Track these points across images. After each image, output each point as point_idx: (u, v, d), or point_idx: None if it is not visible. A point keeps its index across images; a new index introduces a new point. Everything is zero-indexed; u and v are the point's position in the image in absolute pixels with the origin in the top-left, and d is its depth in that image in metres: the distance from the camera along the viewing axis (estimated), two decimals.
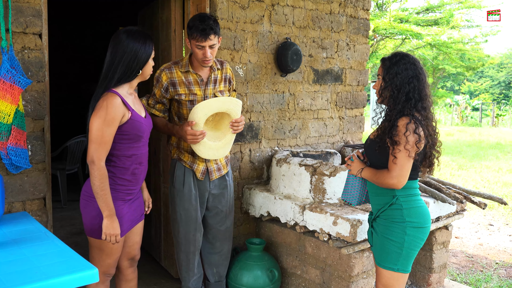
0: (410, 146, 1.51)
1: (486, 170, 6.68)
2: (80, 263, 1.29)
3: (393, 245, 1.59)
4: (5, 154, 1.71)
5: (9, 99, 1.68)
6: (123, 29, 1.59)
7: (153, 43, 1.63)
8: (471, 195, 2.54)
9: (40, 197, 1.89)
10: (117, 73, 1.55)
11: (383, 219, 1.63)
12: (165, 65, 2.00)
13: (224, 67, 2.06)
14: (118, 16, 4.75)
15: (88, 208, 1.59)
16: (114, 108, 1.51)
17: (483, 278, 2.86)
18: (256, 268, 2.29)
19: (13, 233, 1.53)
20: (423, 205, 1.64)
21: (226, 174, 2.15)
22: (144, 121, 1.64)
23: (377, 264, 1.65)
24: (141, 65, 1.58)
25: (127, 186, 1.64)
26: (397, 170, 1.52)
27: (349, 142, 3.17)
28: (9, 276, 1.18)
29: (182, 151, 2.06)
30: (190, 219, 2.06)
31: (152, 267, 2.73)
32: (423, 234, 1.60)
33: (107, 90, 1.55)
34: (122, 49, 1.54)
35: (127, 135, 1.58)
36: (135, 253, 1.78)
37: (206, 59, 1.88)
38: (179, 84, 1.97)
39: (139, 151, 1.64)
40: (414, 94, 1.55)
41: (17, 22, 1.77)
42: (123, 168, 1.61)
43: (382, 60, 1.64)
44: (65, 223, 3.58)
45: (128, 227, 1.67)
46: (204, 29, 1.81)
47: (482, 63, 14.58)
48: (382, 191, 1.63)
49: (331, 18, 2.95)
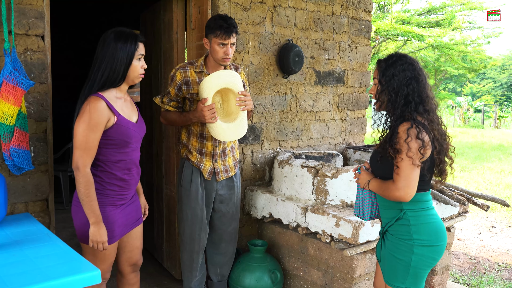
0: (413, 153, 1.38)
1: (489, 172, 6.67)
2: (82, 264, 1.29)
3: (400, 264, 1.47)
4: (8, 156, 1.71)
5: (12, 101, 1.68)
6: (110, 30, 1.54)
7: (140, 42, 1.55)
8: (473, 197, 2.53)
9: (43, 198, 1.89)
10: (101, 76, 1.49)
11: (390, 235, 1.51)
12: (181, 65, 2.06)
13: (238, 72, 2.12)
14: (120, 18, 4.77)
15: (79, 214, 1.56)
16: (97, 112, 1.45)
17: (486, 280, 2.85)
18: (258, 269, 2.29)
19: (16, 234, 1.53)
20: (436, 220, 1.48)
21: (234, 175, 2.17)
22: (132, 126, 1.57)
23: (385, 281, 1.55)
24: (125, 68, 1.50)
25: (117, 191, 1.59)
26: (402, 181, 1.39)
27: (351, 144, 3.17)
28: (11, 278, 1.18)
29: (190, 150, 2.08)
30: (196, 218, 2.08)
31: (154, 269, 2.73)
32: (434, 253, 1.46)
33: (91, 94, 1.50)
34: (104, 50, 1.49)
35: (113, 140, 1.53)
36: (137, 258, 1.75)
37: (227, 57, 1.94)
38: (192, 83, 2.01)
39: (127, 157, 1.58)
40: (414, 97, 1.44)
41: (19, 24, 1.78)
42: (110, 174, 1.56)
43: (378, 62, 1.51)
44: (67, 225, 3.58)
45: (121, 232, 1.63)
46: (228, 27, 1.90)
47: (484, 65, 14.55)
48: (390, 204, 1.51)
49: (333, 19, 2.96)
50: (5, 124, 1.69)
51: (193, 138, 2.06)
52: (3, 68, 1.69)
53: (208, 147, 2.05)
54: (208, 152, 2.06)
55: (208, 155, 2.06)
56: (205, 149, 2.05)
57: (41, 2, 1.83)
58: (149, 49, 2.79)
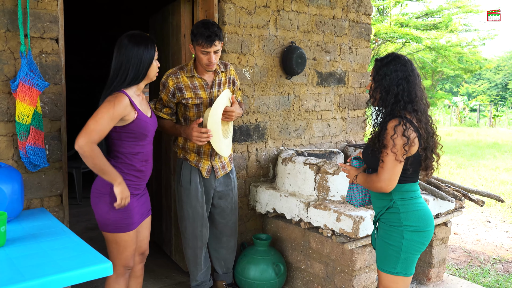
0: (397, 149, 1.45)
1: (484, 168, 6.74)
2: (95, 257, 1.32)
3: (391, 249, 1.55)
4: (24, 153, 1.76)
5: (28, 101, 1.73)
6: (125, 34, 1.64)
7: (155, 44, 1.68)
8: (469, 193, 2.57)
9: (57, 194, 1.94)
10: (126, 75, 1.60)
11: (382, 223, 1.60)
12: (171, 71, 2.05)
13: (228, 69, 2.12)
14: (130, 21, 4.84)
15: (100, 205, 1.64)
16: (121, 106, 1.56)
17: (481, 273, 2.90)
18: (262, 262, 2.34)
19: (32, 228, 1.58)
20: (423, 208, 1.56)
21: (231, 171, 2.22)
22: (149, 121, 1.70)
23: (378, 267, 1.62)
24: (147, 68, 1.63)
25: (135, 181, 1.69)
26: (385, 174, 1.48)
27: (352, 142, 3.22)
28: (28, 269, 1.22)
29: (188, 151, 2.12)
30: (197, 215, 2.13)
31: (163, 261, 2.79)
32: (423, 238, 1.54)
33: (116, 91, 1.60)
34: (127, 54, 1.59)
35: (133, 134, 1.63)
36: (145, 248, 1.84)
37: (210, 64, 1.95)
38: (185, 88, 2.02)
39: (144, 149, 1.69)
40: (404, 96, 1.50)
41: (35, 28, 1.83)
42: (130, 165, 1.66)
43: (375, 61, 1.58)
44: (81, 219, 3.64)
45: (139, 220, 1.72)
46: (209, 36, 1.87)
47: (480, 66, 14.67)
48: (381, 195, 1.58)
49: (334, 22, 3.01)
50: (21, 123, 1.74)
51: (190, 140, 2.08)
52: (19, 70, 1.73)
53: (206, 147, 2.08)
54: (206, 152, 2.10)
55: (205, 155, 2.10)
56: (202, 149, 2.09)
57: (55, 6, 1.87)
58: (158, 52, 2.85)
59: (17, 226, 1.59)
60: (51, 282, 1.18)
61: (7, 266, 1.24)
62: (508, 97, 23.49)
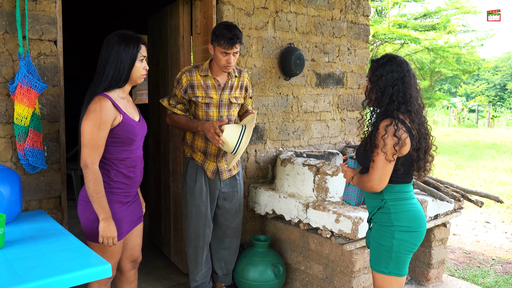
0: (387, 149, 1.46)
1: (483, 169, 6.76)
2: (93, 259, 1.32)
3: (383, 249, 1.55)
4: (22, 155, 1.76)
5: (26, 103, 1.72)
6: (113, 33, 1.56)
7: (142, 45, 1.57)
8: (468, 193, 2.57)
9: (56, 195, 1.94)
10: (106, 77, 1.52)
11: (374, 223, 1.61)
12: (186, 68, 2.10)
13: (242, 76, 2.16)
14: (128, 22, 4.85)
15: (87, 213, 1.59)
16: (104, 110, 1.48)
17: (480, 274, 2.91)
18: (261, 263, 2.35)
19: (30, 230, 1.57)
20: (415, 209, 1.57)
21: (237, 174, 2.23)
22: (136, 125, 1.61)
23: (371, 267, 1.63)
24: (128, 69, 1.53)
25: (124, 189, 1.62)
26: (375, 173, 1.49)
27: (350, 143, 3.23)
28: (26, 271, 1.21)
29: (195, 150, 2.14)
30: (200, 215, 2.14)
31: (162, 263, 2.79)
32: (414, 239, 1.54)
33: (97, 94, 1.52)
34: (107, 52, 1.51)
35: (119, 138, 1.55)
36: (137, 255, 1.77)
37: (229, 65, 1.99)
38: (197, 86, 2.06)
39: (132, 155, 1.61)
40: (398, 97, 1.50)
41: (33, 30, 1.83)
42: (117, 171, 1.58)
43: (371, 62, 1.60)
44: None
45: (127, 229, 1.66)
46: (231, 38, 1.93)
47: (478, 67, 14.73)
48: (373, 195, 1.59)
49: (332, 24, 3.02)
50: (20, 125, 1.74)
51: (198, 139, 2.11)
52: (18, 71, 1.73)
53: (212, 148, 2.10)
54: (212, 153, 2.11)
55: (212, 155, 2.12)
56: (209, 150, 2.11)
57: (54, 8, 1.88)
58: (157, 53, 2.85)
59: (16, 228, 1.59)
60: (50, 284, 1.18)
61: (6, 268, 1.24)
62: (507, 97, 23.59)
